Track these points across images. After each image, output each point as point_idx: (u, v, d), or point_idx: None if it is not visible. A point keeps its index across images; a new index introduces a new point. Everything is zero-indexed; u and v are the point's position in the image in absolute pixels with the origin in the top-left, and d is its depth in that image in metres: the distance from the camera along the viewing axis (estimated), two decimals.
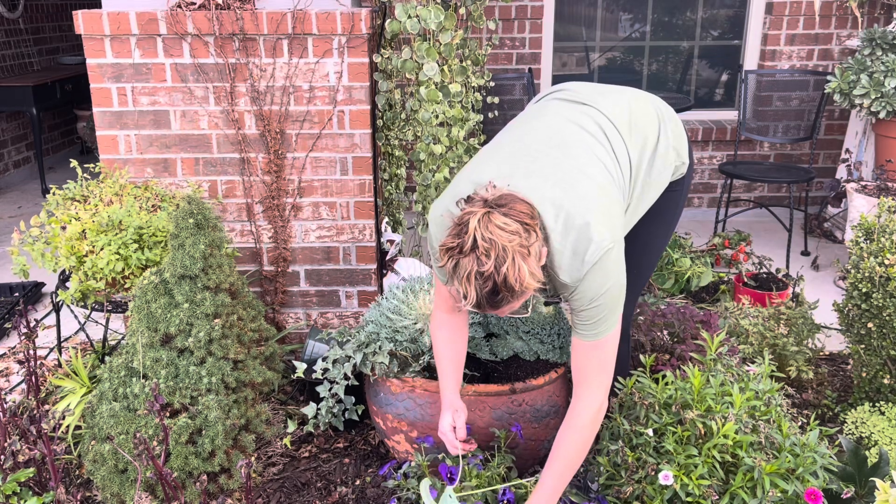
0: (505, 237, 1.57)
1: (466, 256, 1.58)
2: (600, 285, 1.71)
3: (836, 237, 4.40)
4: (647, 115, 2.00)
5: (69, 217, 2.48)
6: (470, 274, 1.58)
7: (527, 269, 1.58)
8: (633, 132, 1.93)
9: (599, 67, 5.04)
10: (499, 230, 1.57)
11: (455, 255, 1.60)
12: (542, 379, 2.23)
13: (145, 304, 2.09)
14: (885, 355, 2.44)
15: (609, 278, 1.72)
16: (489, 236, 1.56)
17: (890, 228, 2.43)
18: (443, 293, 1.99)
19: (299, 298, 3.04)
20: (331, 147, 2.86)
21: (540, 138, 1.86)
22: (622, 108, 1.96)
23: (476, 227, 1.57)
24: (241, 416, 2.14)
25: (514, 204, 1.62)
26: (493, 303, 1.62)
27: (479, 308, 1.64)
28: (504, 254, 1.56)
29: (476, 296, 1.60)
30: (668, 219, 2.16)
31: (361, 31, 2.71)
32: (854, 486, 1.92)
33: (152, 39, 2.72)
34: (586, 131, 1.88)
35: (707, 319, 2.61)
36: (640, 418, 1.92)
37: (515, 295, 1.61)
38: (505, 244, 1.56)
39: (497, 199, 1.63)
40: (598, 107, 1.94)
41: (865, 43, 4.02)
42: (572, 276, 1.71)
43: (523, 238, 1.59)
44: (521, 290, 1.59)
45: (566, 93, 2.03)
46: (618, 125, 1.91)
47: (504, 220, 1.59)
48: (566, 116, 1.93)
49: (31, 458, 1.98)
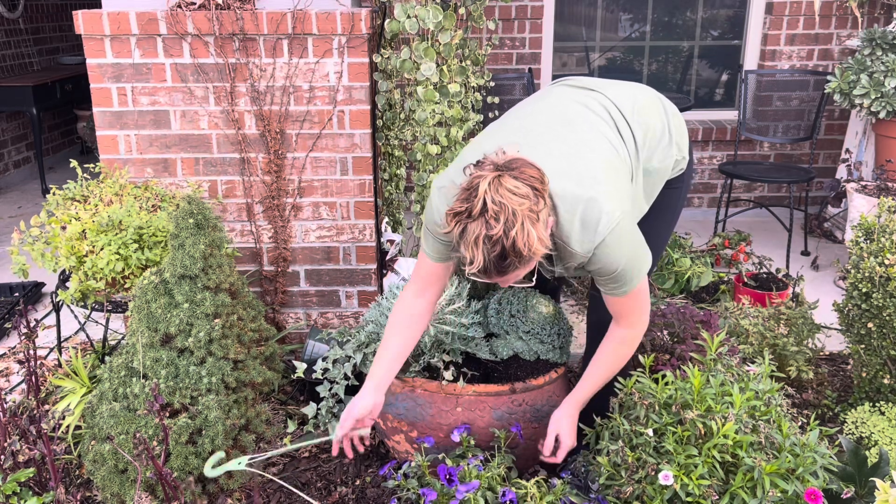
0: (515, 200, 1.55)
1: (475, 220, 1.56)
2: (619, 255, 1.73)
3: (836, 237, 4.40)
4: (651, 105, 2.02)
5: (69, 217, 2.48)
6: (478, 238, 1.56)
7: (535, 234, 1.57)
8: (637, 119, 1.95)
9: (599, 67, 5.04)
10: (509, 193, 1.56)
11: (463, 219, 1.58)
12: (542, 379, 2.23)
13: (145, 304, 2.09)
14: (885, 355, 2.44)
15: (625, 246, 1.74)
16: (499, 199, 1.55)
17: (890, 228, 2.43)
18: (422, 270, 1.97)
19: (299, 298, 3.04)
20: (331, 147, 2.86)
21: (546, 115, 1.87)
22: (627, 96, 1.99)
23: (486, 191, 1.55)
24: (241, 416, 2.14)
25: (524, 168, 1.61)
26: (500, 268, 1.60)
27: (486, 274, 1.62)
28: (514, 218, 1.54)
29: (483, 260, 1.57)
30: (668, 216, 2.17)
31: (361, 31, 2.71)
32: (854, 486, 1.91)
33: (152, 39, 2.72)
34: (592, 111, 1.90)
35: (707, 319, 2.60)
36: (640, 418, 1.92)
37: (523, 260, 1.59)
38: (515, 208, 1.55)
39: (507, 162, 1.62)
40: (604, 92, 1.97)
41: (865, 43, 4.02)
42: (583, 247, 1.72)
43: (533, 202, 1.58)
44: (528, 255, 1.58)
45: (571, 80, 2.07)
46: (623, 110, 1.93)
47: (515, 184, 1.57)
48: (572, 98, 1.95)
49: (31, 458, 1.98)
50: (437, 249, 1.91)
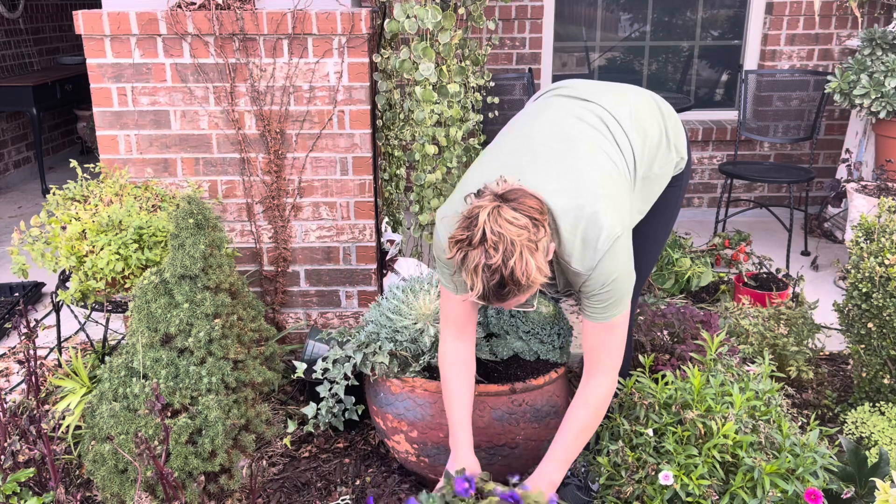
0: (514, 231, 1.58)
1: (475, 249, 1.59)
2: (612, 271, 1.74)
3: (836, 237, 4.40)
4: (647, 110, 2.02)
5: (69, 217, 2.48)
6: (478, 266, 1.59)
7: (534, 264, 1.59)
8: (634, 126, 1.95)
9: (599, 67, 5.04)
10: (508, 224, 1.58)
11: (464, 247, 1.61)
12: (542, 379, 2.23)
13: (145, 304, 2.09)
14: (885, 355, 2.44)
15: (619, 264, 1.75)
16: (498, 230, 1.57)
17: (890, 228, 2.43)
18: (450, 311, 1.96)
19: (299, 298, 3.04)
20: (331, 147, 2.86)
21: (543, 134, 1.88)
22: (623, 104, 1.98)
23: (486, 221, 1.58)
24: (242, 416, 2.14)
25: (523, 199, 1.63)
26: (499, 295, 1.63)
27: (485, 300, 1.65)
28: (512, 247, 1.57)
29: (483, 287, 1.60)
30: (667, 213, 2.18)
31: (361, 31, 2.71)
32: (854, 486, 1.91)
33: (152, 39, 2.72)
34: (589, 125, 1.90)
35: (707, 319, 2.60)
36: (640, 418, 1.92)
37: (522, 289, 1.62)
38: (513, 238, 1.57)
39: (507, 192, 1.64)
40: (600, 102, 1.96)
41: (865, 43, 4.02)
42: (585, 265, 1.73)
43: (531, 233, 1.60)
44: (527, 284, 1.60)
45: (567, 89, 2.05)
46: (620, 119, 1.93)
47: (513, 215, 1.59)
48: (568, 111, 1.94)
49: (31, 458, 1.98)
50: (454, 281, 1.91)
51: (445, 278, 1.92)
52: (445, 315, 1.99)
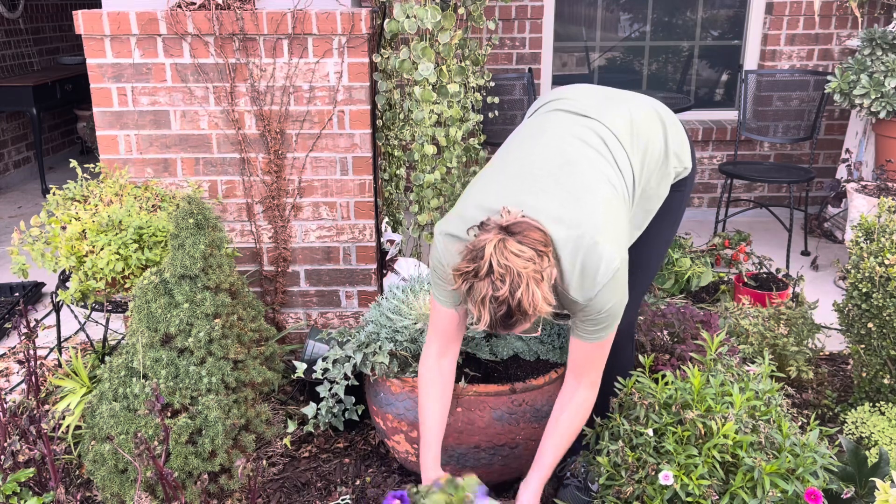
0: (520, 264, 1.61)
1: (482, 280, 1.62)
2: (609, 300, 1.77)
3: (836, 237, 4.40)
4: (648, 122, 2.01)
5: (69, 217, 2.48)
6: (485, 298, 1.62)
7: (540, 294, 1.63)
8: (634, 141, 1.95)
9: (599, 67, 5.04)
10: (514, 257, 1.61)
11: (470, 278, 1.64)
12: (542, 379, 2.23)
13: (145, 304, 2.09)
14: (885, 355, 2.44)
15: (616, 294, 1.78)
16: (505, 262, 1.60)
17: (890, 228, 2.43)
18: (440, 323, 1.98)
19: (299, 298, 3.04)
20: (331, 147, 2.86)
21: (544, 158, 1.87)
22: (624, 118, 1.97)
23: (492, 254, 1.61)
24: (241, 416, 2.14)
25: (528, 231, 1.66)
26: (506, 325, 1.67)
27: (492, 328, 1.68)
28: (519, 279, 1.60)
29: (490, 318, 1.64)
30: (672, 217, 2.17)
31: (361, 31, 2.71)
32: (854, 486, 1.91)
33: (152, 39, 2.72)
34: (589, 146, 1.89)
35: (707, 319, 2.60)
36: (640, 418, 1.92)
37: (528, 318, 1.65)
38: (520, 270, 1.60)
39: (511, 225, 1.66)
40: (600, 119, 1.95)
41: (865, 43, 4.02)
42: (583, 295, 1.76)
43: (537, 264, 1.63)
44: (533, 313, 1.64)
45: (567, 102, 2.03)
46: (619, 136, 1.93)
47: (519, 248, 1.62)
48: (568, 131, 1.93)
49: (31, 458, 1.98)
50: (448, 296, 1.92)
51: (439, 290, 1.93)
52: (434, 327, 2.00)
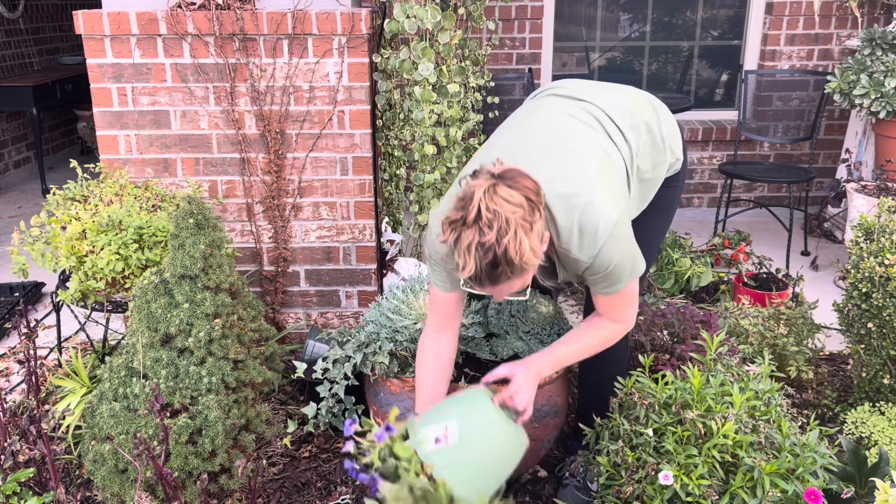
0: (509, 209, 1.57)
1: (469, 228, 1.58)
2: (613, 256, 1.76)
3: (836, 237, 4.40)
4: (642, 110, 2.02)
5: (69, 217, 2.48)
6: (471, 245, 1.57)
7: (528, 244, 1.58)
8: (628, 121, 1.96)
9: (599, 67, 5.04)
10: (503, 201, 1.57)
11: (458, 227, 1.60)
12: (543, 379, 2.23)
13: (145, 304, 2.09)
14: (885, 355, 2.44)
15: (620, 248, 1.77)
16: (493, 207, 1.56)
17: (890, 228, 2.43)
18: (438, 304, 1.99)
19: (299, 298, 3.04)
20: (331, 147, 2.86)
21: (537, 132, 1.89)
22: (618, 103, 1.99)
23: (481, 198, 1.57)
24: (241, 416, 2.14)
25: (519, 178, 1.63)
26: (491, 276, 1.61)
27: (478, 282, 1.63)
28: (507, 225, 1.56)
29: (475, 267, 1.59)
30: (664, 214, 2.18)
31: (361, 31, 2.71)
32: (854, 486, 1.91)
33: (152, 39, 2.72)
34: (582, 122, 1.91)
35: (707, 319, 2.60)
36: (640, 418, 1.92)
37: (514, 270, 1.60)
38: (508, 216, 1.56)
39: (503, 172, 1.64)
40: (594, 101, 1.97)
41: (865, 43, 4.02)
42: (585, 253, 1.75)
43: (527, 212, 1.60)
44: (520, 264, 1.59)
45: (562, 90, 2.06)
46: (613, 116, 1.94)
47: (509, 192, 1.59)
48: (561, 110, 1.96)
49: (31, 458, 1.98)
50: (444, 279, 1.93)
51: (436, 275, 1.94)
52: (433, 306, 2.02)
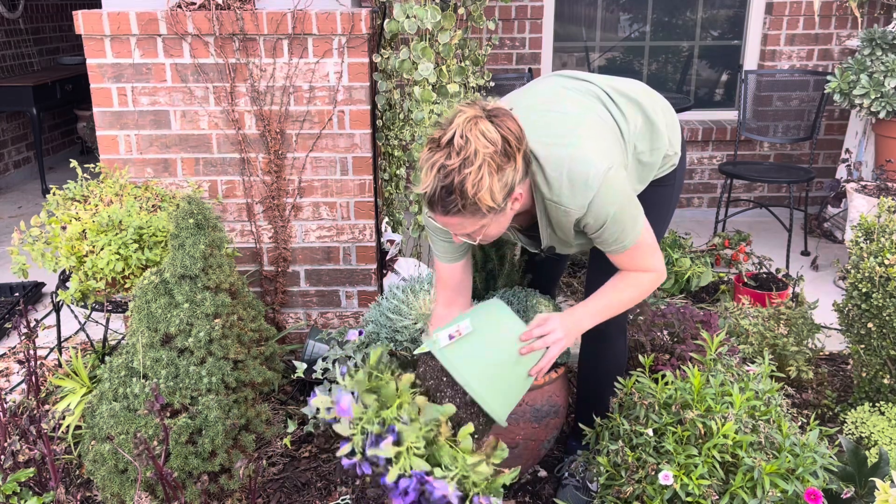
0: (482, 143, 1.58)
1: (441, 150, 1.60)
2: (609, 204, 1.74)
3: (836, 237, 4.40)
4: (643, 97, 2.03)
5: (69, 217, 2.48)
6: (435, 164, 1.60)
7: (487, 183, 1.59)
8: (626, 103, 1.96)
9: (599, 67, 5.04)
10: (480, 134, 1.59)
11: (433, 147, 1.62)
12: (543, 379, 2.23)
13: (145, 304, 2.09)
14: (885, 355, 2.44)
15: (615, 197, 1.75)
16: (468, 135, 1.58)
17: (890, 228, 2.43)
18: (442, 276, 2.04)
19: (299, 298, 3.04)
20: (331, 147, 2.86)
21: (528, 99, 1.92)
22: (617, 86, 2.01)
23: (460, 125, 1.59)
24: (241, 416, 2.14)
25: (506, 119, 1.64)
26: (443, 202, 1.62)
27: (431, 204, 1.65)
28: (474, 157, 1.57)
29: (432, 187, 1.61)
30: (661, 213, 2.16)
31: (361, 31, 2.71)
32: (854, 486, 1.91)
33: (152, 39, 2.72)
34: (578, 92, 1.93)
35: (707, 319, 2.60)
36: (640, 418, 1.92)
37: (467, 205, 1.61)
38: (479, 148, 1.58)
39: (493, 109, 1.65)
40: (594, 81, 2.00)
41: (865, 43, 4.02)
42: (576, 202, 1.74)
43: (499, 152, 1.60)
44: (473, 199, 1.60)
45: (562, 72, 2.10)
46: (612, 96, 1.96)
47: (489, 127, 1.60)
48: (559, 84, 1.98)
49: (31, 458, 1.98)
50: (445, 249, 1.98)
51: (436, 245, 1.98)
52: (438, 279, 2.05)
